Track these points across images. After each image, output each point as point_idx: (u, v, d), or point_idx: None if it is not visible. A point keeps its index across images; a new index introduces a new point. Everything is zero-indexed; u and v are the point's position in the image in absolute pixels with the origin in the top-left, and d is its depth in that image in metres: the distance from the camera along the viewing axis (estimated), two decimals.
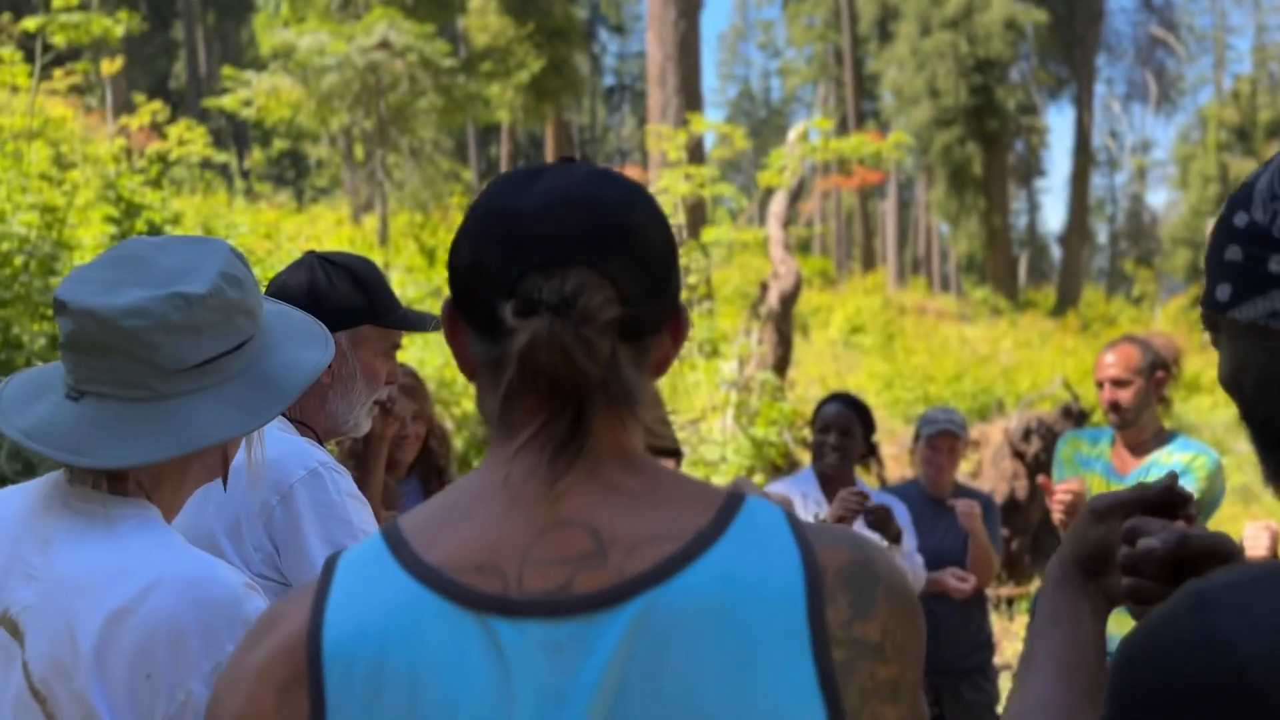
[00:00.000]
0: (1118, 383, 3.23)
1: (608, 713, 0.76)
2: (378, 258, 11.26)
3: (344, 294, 1.73)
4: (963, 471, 6.70)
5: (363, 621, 0.80)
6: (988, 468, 7.61)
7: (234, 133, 29.90)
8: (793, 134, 9.52)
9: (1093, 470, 3.36)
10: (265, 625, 0.85)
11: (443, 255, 12.34)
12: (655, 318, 0.88)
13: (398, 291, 9.82)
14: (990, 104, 24.98)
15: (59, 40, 10.85)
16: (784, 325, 8.15)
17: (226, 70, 13.10)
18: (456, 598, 0.79)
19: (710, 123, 9.71)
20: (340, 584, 0.83)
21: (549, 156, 24.77)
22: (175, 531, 1.19)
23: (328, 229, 13.62)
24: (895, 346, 16.84)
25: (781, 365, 8.30)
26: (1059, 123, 71.43)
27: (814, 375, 14.31)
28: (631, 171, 16.58)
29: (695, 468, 7.58)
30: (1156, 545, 0.96)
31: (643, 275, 0.85)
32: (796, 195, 9.19)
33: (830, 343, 17.84)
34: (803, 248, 30.09)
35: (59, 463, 1.18)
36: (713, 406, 8.32)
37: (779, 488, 3.46)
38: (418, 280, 10.32)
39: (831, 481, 3.42)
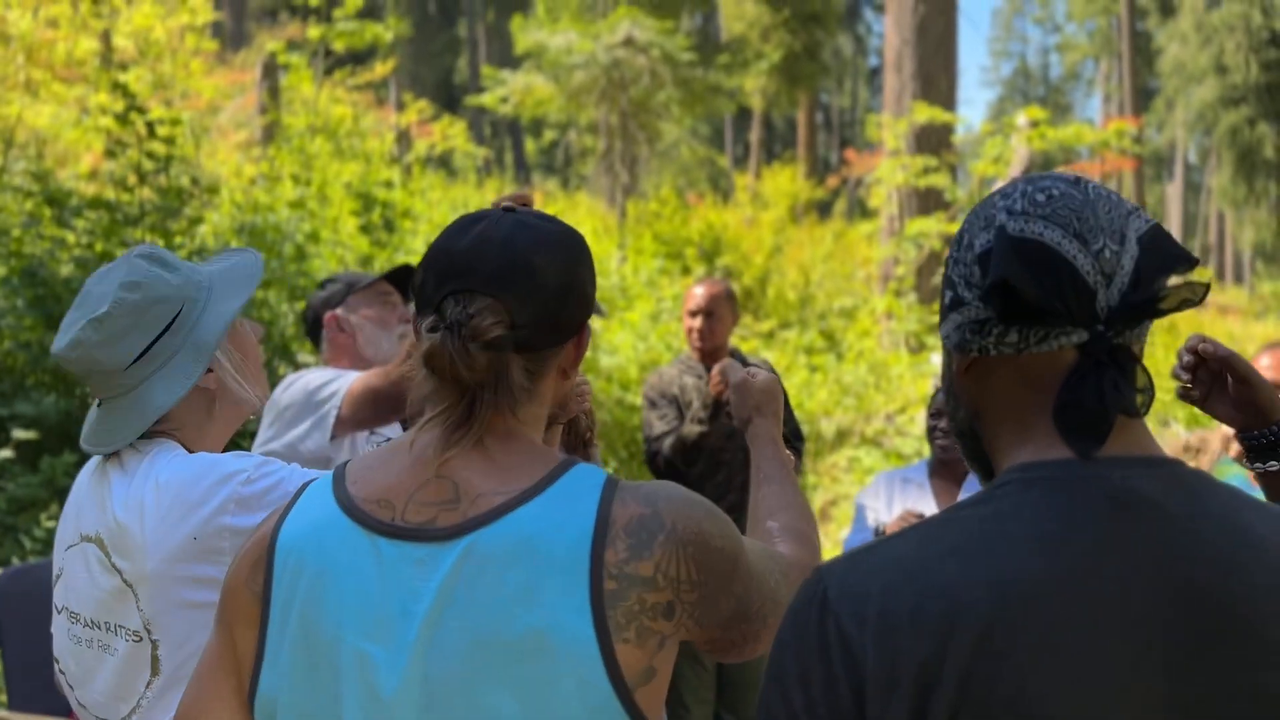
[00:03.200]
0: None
1: (441, 610, 1.07)
2: (611, 246, 11.84)
3: (329, 292, 2.70)
4: None
5: (300, 527, 1.16)
6: None
7: (509, 125, 31.78)
8: (1022, 119, 9.25)
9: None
10: (261, 523, 1.22)
11: (680, 243, 12.80)
12: (550, 337, 1.17)
13: (630, 275, 10.29)
14: None
15: (339, 46, 12.15)
16: None
17: (486, 70, 14.12)
18: (358, 520, 1.13)
19: (932, 109, 9.57)
20: (301, 501, 1.19)
21: (800, 141, 24.72)
22: (183, 450, 1.58)
23: (579, 217, 14.45)
24: (1154, 343, 15.78)
25: None
26: None
27: None
28: (870, 158, 16.32)
29: (889, 460, 7.61)
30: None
31: (536, 305, 1.14)
32: None
33: None
34: None
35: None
36: (916, 400, 8.28)
37: (885, 477, 3.58)
38: (646, 266, 10.80)
39: (942, 467, 3.49)
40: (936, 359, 8.98)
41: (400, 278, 2.68)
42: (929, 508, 3.42)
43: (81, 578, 1.58)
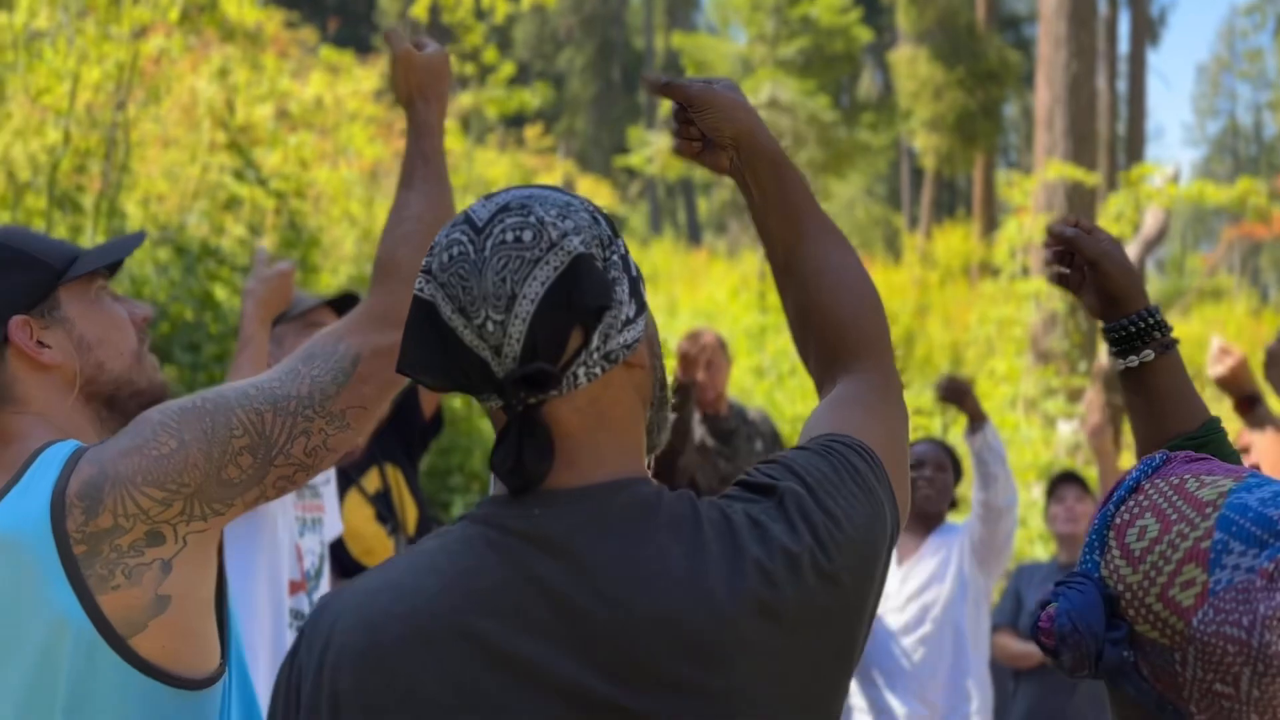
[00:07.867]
0: None
1: None
2: (753, 306, 11.84)
3: None
4: None
5: None
6: None
7: (682, 185, 32.34)
8: (1155, 178, 8.81)
9: None
10: None
11: None
12: None
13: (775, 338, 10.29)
14: None
15: (491, 112, 12.80)
16: (1113, 392, 7.55)
17: (631, 131, 14.55)
18: None
19: (1064, 167, 9.24)
20: None
21: (976, 199, 24.05)
22: None
23: (718, 275, 14.62)
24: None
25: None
26: None
27: None
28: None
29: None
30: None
31: None
32: (1151, 246, 8.48)
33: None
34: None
35: None
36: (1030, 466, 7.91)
37: None
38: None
39: (923, 519, 3.43)
40: (1065, 427, 8.57)
41: (344, 305, 2.43)
42: None
43: None
